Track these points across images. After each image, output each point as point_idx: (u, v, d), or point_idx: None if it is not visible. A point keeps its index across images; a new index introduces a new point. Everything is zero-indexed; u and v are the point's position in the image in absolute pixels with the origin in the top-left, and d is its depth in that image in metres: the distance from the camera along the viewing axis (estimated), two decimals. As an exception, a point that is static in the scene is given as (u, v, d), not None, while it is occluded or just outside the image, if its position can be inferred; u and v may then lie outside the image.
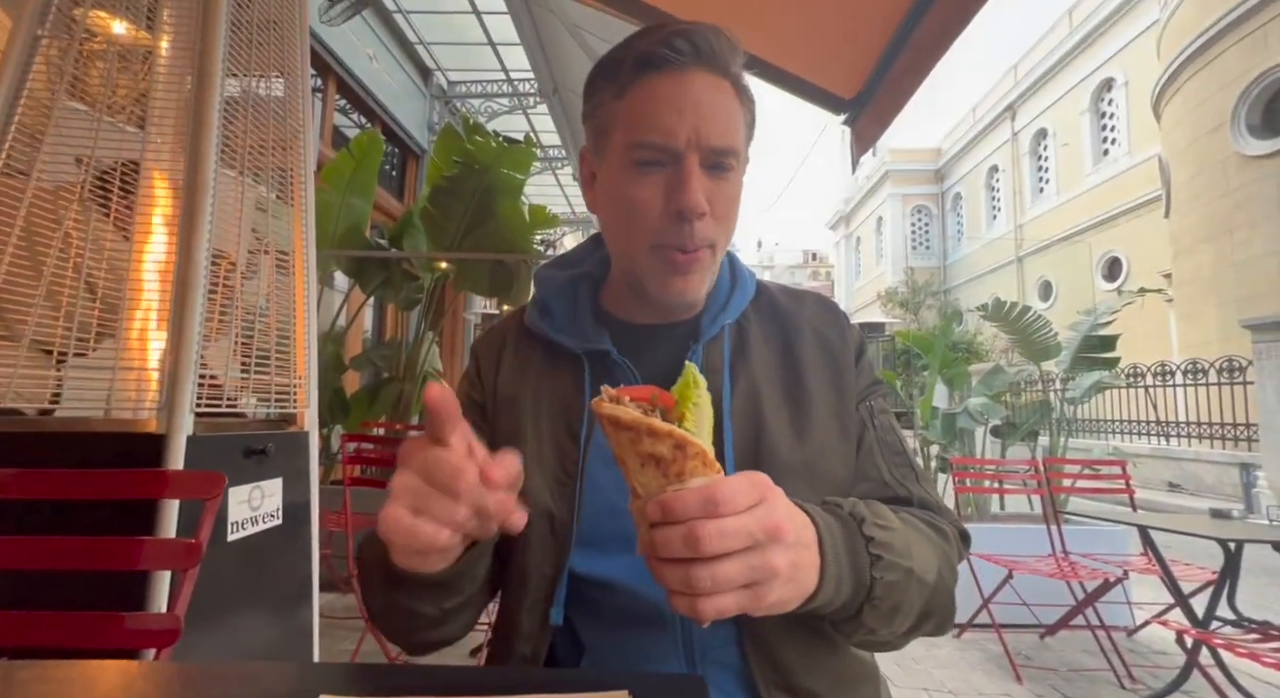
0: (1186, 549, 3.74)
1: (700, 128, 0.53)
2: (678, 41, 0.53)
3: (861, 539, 0.46)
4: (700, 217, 0.54)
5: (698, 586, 0.34)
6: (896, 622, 0.48)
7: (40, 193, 1.02)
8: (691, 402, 0.38)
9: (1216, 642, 1.66)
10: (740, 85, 0.58)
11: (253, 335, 1.19)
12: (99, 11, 1.14)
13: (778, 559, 0.37)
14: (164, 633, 0.63)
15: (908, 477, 0.61)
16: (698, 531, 0.34)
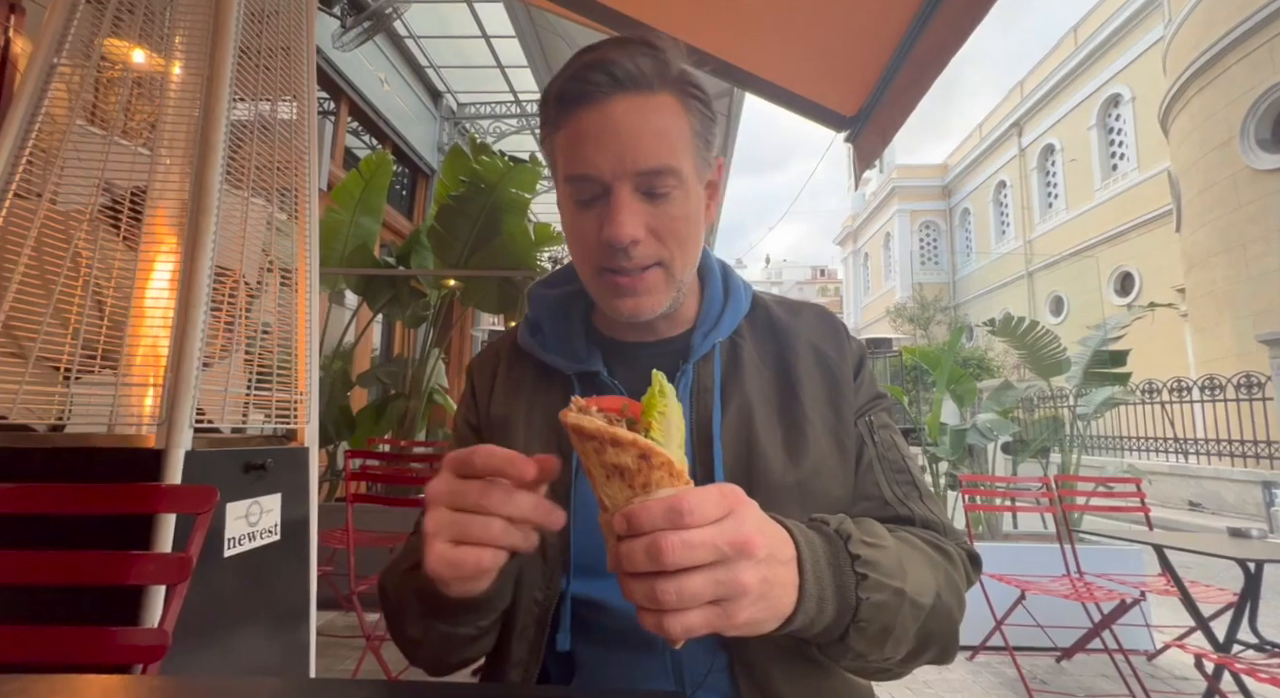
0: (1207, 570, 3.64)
1: (623, 156, 0.51)
2: (592, 74, 0.51)
3: (847, 557, 0.44)
4: (633, 244, 0.52)
5: (663, 600, 0.33)
6: (889, 647, 0.45)
7: (52, 213, 1.05)
8: (658, 411, 0.37)
9: (1238, 667, 1.61)
10: (681, 90, 0.54)
11: (254, 352, 1.21)
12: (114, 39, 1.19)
13: (747, 575, 0.35)
14: (151, 649, 0.63)
15: (910, 495, 0.58)
16: (660, 542, 0.33)
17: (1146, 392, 8.56)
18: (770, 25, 2.09)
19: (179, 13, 1.19)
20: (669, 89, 0.53)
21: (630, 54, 0.52)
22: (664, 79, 0.53)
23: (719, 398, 0.58)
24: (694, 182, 0.55)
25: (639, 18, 2.23)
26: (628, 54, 0.52)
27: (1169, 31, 10.99)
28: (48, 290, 1.05)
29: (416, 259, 4.24)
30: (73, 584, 0.66)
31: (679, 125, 0.53)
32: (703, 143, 0.56)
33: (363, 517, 2.36)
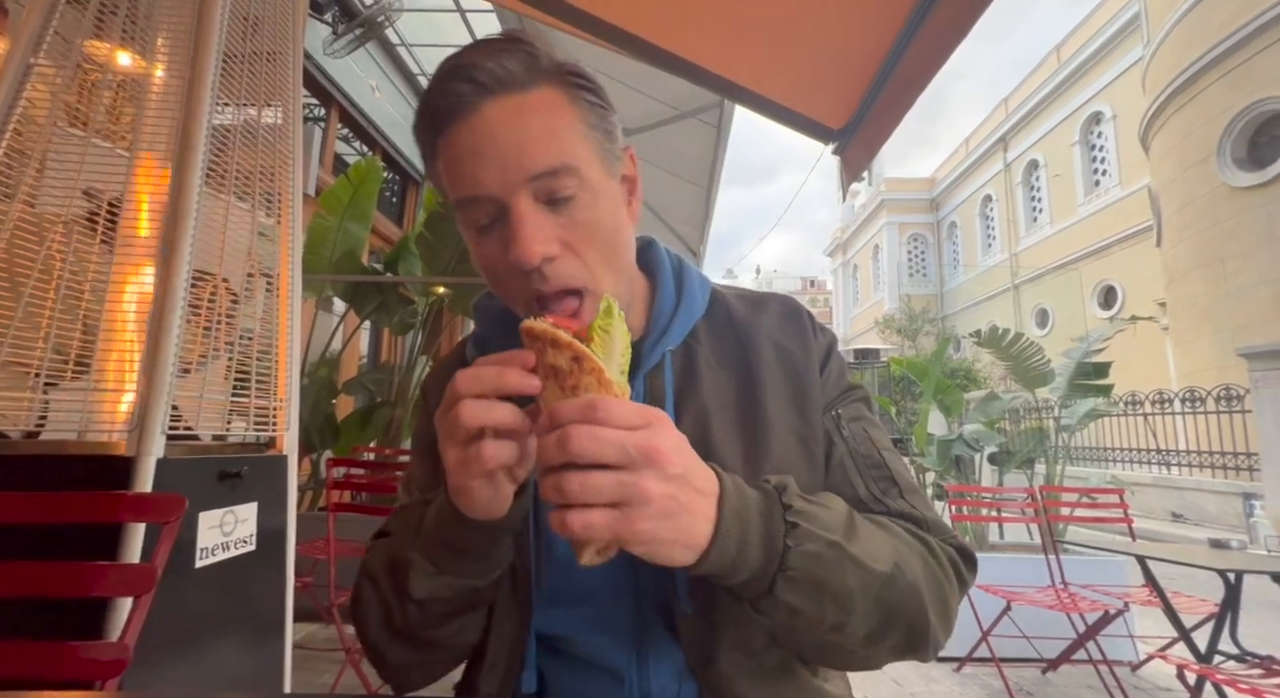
0: (1190, 581, 3.67)
1: (508, 164, 0.45)
2: (453, 84, 0.46)
3: (780, 507, 0.42)
4: (547, 262, 0.46)
5: (566, 489, 0.34)
6: (827, 605, 0.42)
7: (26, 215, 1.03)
8: (598, 327, 0.39)
9: (1219, 678, 1.62)
10: (561, 81, 0.49)
11: (233, 358, 1.19)
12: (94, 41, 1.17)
13: (651, 484, 0.35)
14: (111, 663, 0.60)
15: (889, 492, 0.54)
16: (569, 431, 0.34)
17: (1129, 403, 8.68)
18: (760, 39, 2.12)
19: (162, 15, 1.18)
20: (547, 83, 0.48)
21: (491, 54, 0.47)
22: (538, 73, 0.48)
23: (672, 411, 0.54)
24: (602, 178, 0.49)
25: (632, 30, 2.25)
26: (488, 54, 0.47)
27: (1148, 52, 11.28)
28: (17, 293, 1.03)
29: (405, 266, 4.22)
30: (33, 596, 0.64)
31: (566, 119, 0.48)
32: (601, 135, 0.50)
33: (345, 527, 2.31)
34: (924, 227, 25.57)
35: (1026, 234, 18.86)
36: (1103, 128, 15.81)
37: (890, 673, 2.74)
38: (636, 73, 3.72)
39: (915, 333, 20.26)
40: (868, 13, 1.73)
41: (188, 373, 1.14)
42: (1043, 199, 18.24)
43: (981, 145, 21.27)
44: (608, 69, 4.00)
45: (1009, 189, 19.74)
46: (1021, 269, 18.66)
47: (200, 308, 1.12)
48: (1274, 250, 8.54)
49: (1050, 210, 17.76)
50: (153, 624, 0.75)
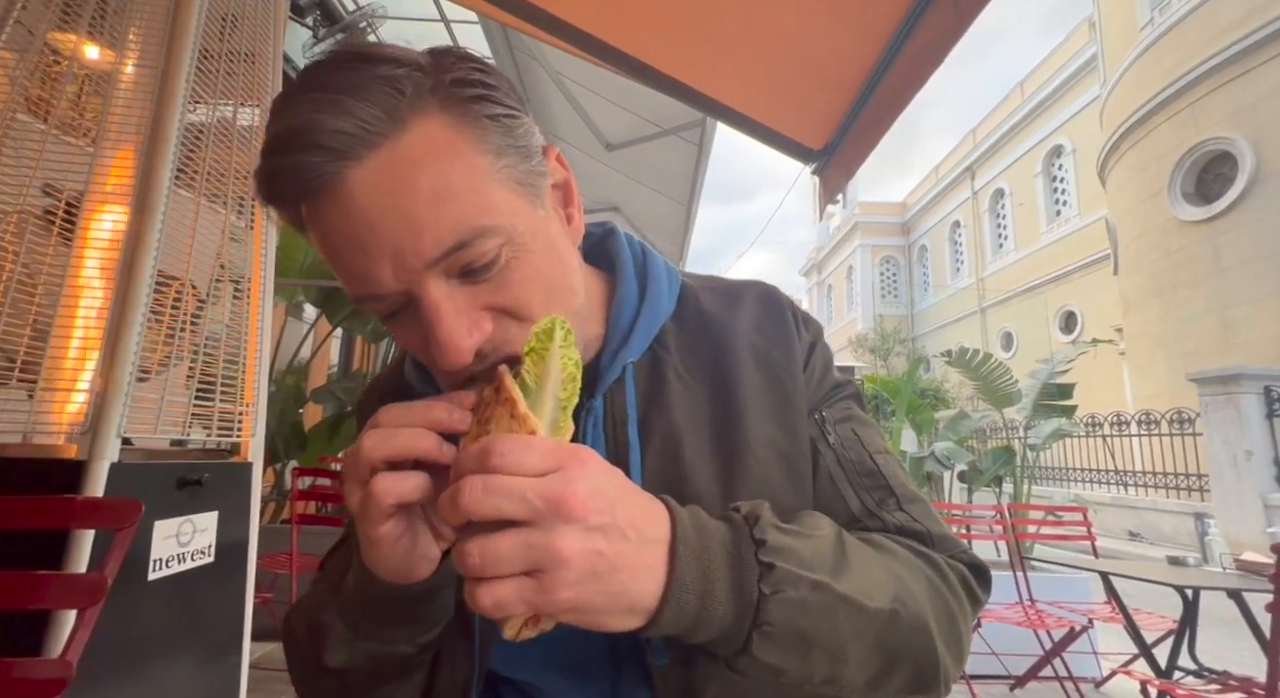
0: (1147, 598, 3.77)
1: (402, 250, 0.35)
2: (295, 159, 0.33)
3: (750, 544, 0.35)
4: (480, 357, 0.38)
5: (466, 562, 0.28)
6: (817, 661, 0.36)
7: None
8: (533, 350, 0.33)
9: (1179, 693, 1.66)
10: (446, 104, 0.36)
11: (198, 361, 1.14)
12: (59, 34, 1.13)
13: (565, 542, 0.29)
14: (50, 682, 0.56)
15: (885, 503, 0.46)
16: (462, 484, 0.28)
17: (1089, 425, 8.99)
18: (744, 59, 2.17)
19: (135, 8, 1.15)
20: (422, 112, 0.35)
21: (336, 105, 0.33)
22: (406, 103, 0.35)
23: (635, 434, 0.46)
24: (528, 219, 0.39)
25: (617, 44, 2.28)
26: (332, 106, 0.33)
27: (1105, 90, 11.91)
28: (-32, 287, 0.97)
29: (380, 273, 4.15)
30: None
31: (462, 161, 0.36)
32: (514, 156, 0.39)
33: (309, 540, 2.22)
34: (896, 249, 26.30)
35: (993, 259, 19.56)
36: (1064, 160, 16.59)
37: (862, 691, 2.73)
38: (619, 88, 3.77)
39: (887, 353, 20.71)
40: (849, 36, 1.78)
41: (147, 378, 1.09)
42: (1008, 226, 18.97)
43: (951, 173, 22.09)
44: (590, 83, 4.05)
45: (976, 216, 20.48)
46: (988, 293, 19.30)
47: (164, 310, 1.07)
48: (1221, 281, 9.02)
49: (1015, 237, 18.47)
50: (99, 640, 0.70)
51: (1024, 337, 17.46)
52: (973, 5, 1.44)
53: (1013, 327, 18.07)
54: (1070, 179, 16.23)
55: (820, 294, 33.09)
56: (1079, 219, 15.71)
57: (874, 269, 26.22)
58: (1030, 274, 17.26)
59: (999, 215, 19.68)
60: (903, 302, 25.68)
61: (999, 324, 18.77)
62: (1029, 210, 17.76)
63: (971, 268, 20.61)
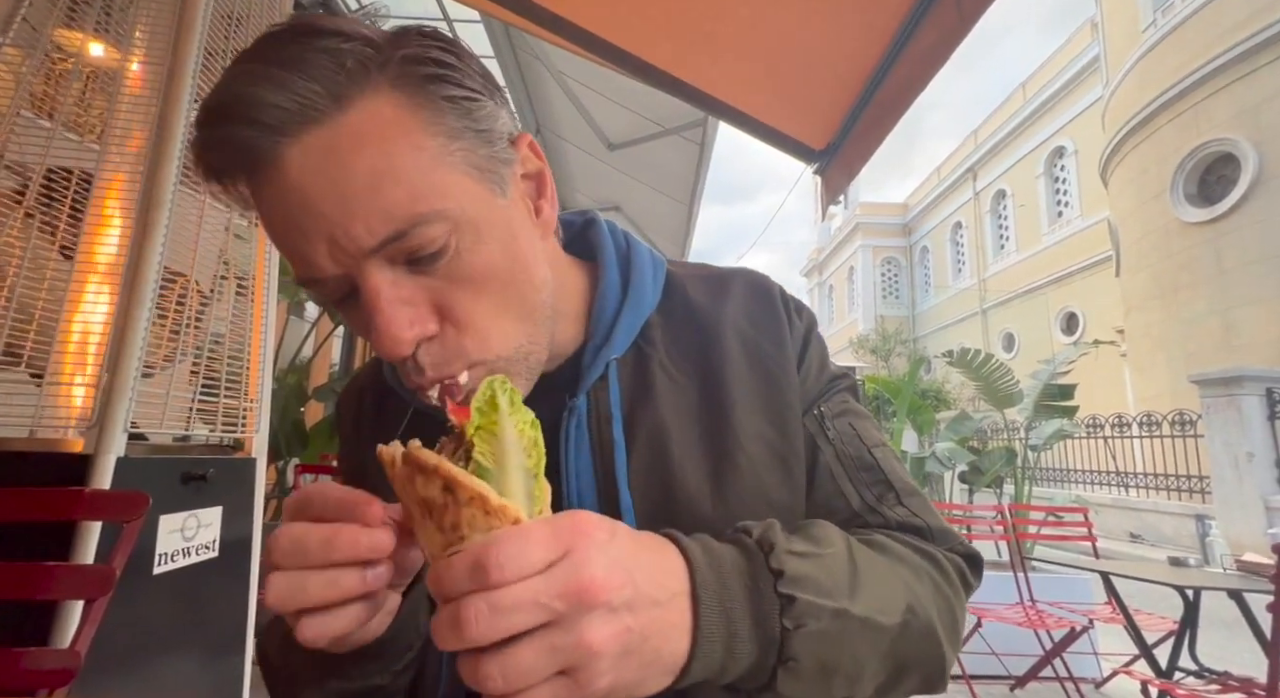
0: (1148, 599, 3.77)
1: (336, 235, 0.33)
2: (228, 130, 0.32)
3: (769, 575, 0.33)
4: (424, 345, 0.36)
5: (487, 685, 0.25)
6: (838, 686, 0.35)
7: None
8: (479, 426, 0.29)
9: (1179, 693, 1.66)
10: (399, 80, 0.34)
11: (203, 356, 1.15)
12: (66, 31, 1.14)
13: (594, 632, 0.26)
14: (58, 673, 0.56)
15: (884, 498, 0.46)
16: (461, 612, 0.25)
17: (1091, 426, 8.98)
18: (746, 59, 2.17)
19: (141, 7, 1.15)
20: (371, 89, 0.33)
21: (273, 78, 0.32)
22: (353, 79, 0.33)
23: (620, 432, 0.44)
24: (482, 205, 0.37)
25: (621, 44, 2.28)
26: (269, 79, 0.32)
27: (1107, 92, 11.90)
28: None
29: (382, 272, 4.16)
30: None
31: (409, 141, 0.34)
32: (472, 139, 0.36)
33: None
34: (897, 250, 26.28)
35: (994, 260, 19.54)
36: (1065, 161, 16.57)
37: (863, 691, 2.74)
38: (621, 88, 3.77)
39: (888, 353, 20.70)
40: (852, 36, 1.78)
41: (152, 374, 1.09)
42: (1009, 227, 18.95)
43: (952, 174, 22.07)
44: (593, 83, 4.05)
45: (978, 217, 20.47)
46: (989, 294, 19.29)
47: (168, 307, 1.08)
48: (1223, 283, 9.00)
49: (1016, 238, 18.46)
50: (105, 633, 0.70)
51: (1025, 338, 17.44)
52: (975, 6, 1.44)
53: (1014, 328, 18.06)
54: (1072, 180, 16.22)
55: (821, 295, 33.07)
56: (1081, 220, 15.69)
57: (875, 270, 26.20)
58: (1032, 275, 17.24)
59: (1000, 216, 19.67)
60: (904, 302, 25.66)
61: (1000, 325, 18.76)
62: (1031, 211, 17.75)
63: (973, 269, 20.60)
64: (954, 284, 21.98)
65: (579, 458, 0.44)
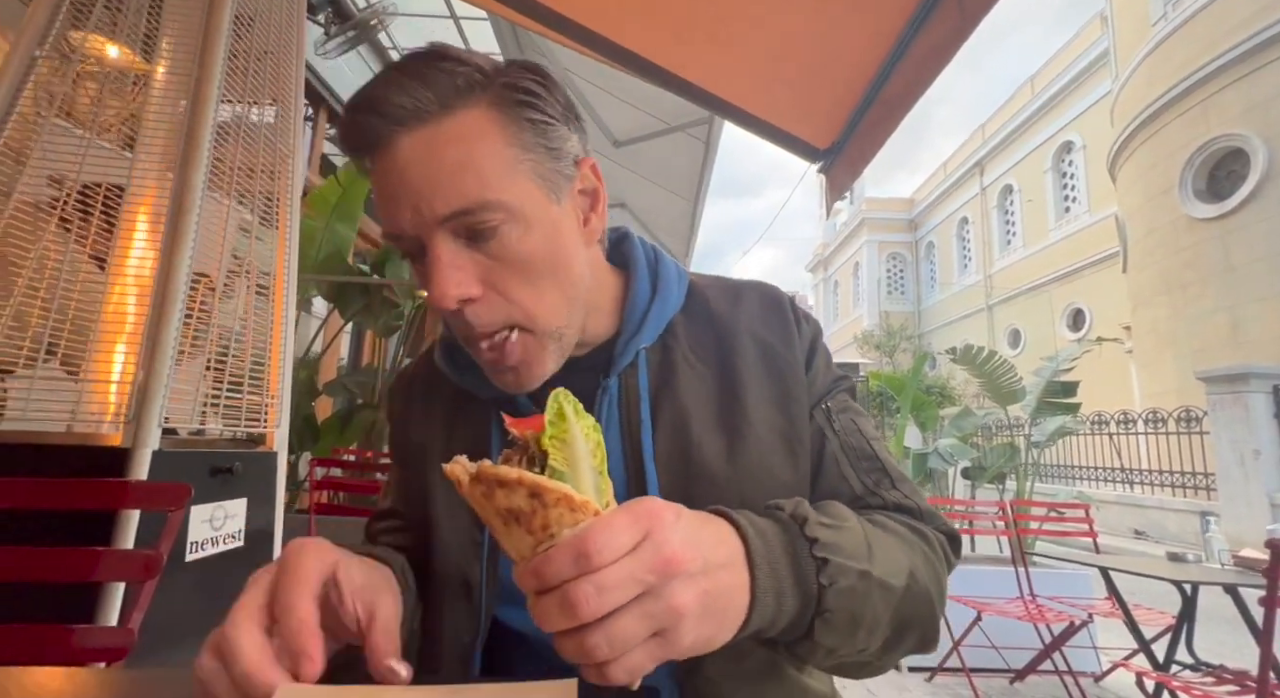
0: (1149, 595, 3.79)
1: (420, 204, 0.43)
2: (364, 118, 0.43)
3: (804, 542, 0.39)
4: (467, 304, 0.45)
5: (594, 654, 0.29)
6: (861, 636, 0.41)
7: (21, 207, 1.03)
8: (550, 436, 0.32)
9: (1174, 685, 1.69)
10: (496, 104, 0.45)
11: (228, 354, 1.19)
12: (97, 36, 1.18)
13: (680, 596, 0.31)
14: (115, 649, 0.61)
15: (881, 483, 0.53)
16: (571, 595, 0.29)
17: (1096, 423, 8.97)
18: (751, 59, 2.19)
19: (168, 15, 1.19)
20: (471, 105, 0.44)
21: (401, 84, 0.43)
22: (459, 95, 0.44)
23: (648, 412, 0.51)
24: (537, 205, 0.46)
25: (625, 44, 2.31)
26: (398, 85, 0.43)
27: (1115, 87, 11.80)
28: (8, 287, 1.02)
29: (391, 268, 4.21)
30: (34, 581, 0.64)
31: (490, 147, 0.44)
32: (542, 155, 0.46)
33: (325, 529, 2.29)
34: (903, 246, 26.15)
35: (1000, 256, 19.43)
36: (1073, 156, 16.44)
37: (864, 683, 2.78)
38: (627, 85, 3.79)
39: (893, 349, 20.65)
40: (856, 37, 1.80)
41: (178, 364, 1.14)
42: (1016, 223, 18.83)
43: (959, 169, 21.91)
44: (598, 80, 4.07)
45: (985, 212, 20.34)
46: (995, 290, 19.19)
47: (194, 306, 1.12)
48: (1230, 279, 8.94)
49: (1023, 234, 18.34)
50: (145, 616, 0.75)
51: (1031, 334, 17.36)
52: (978, 7, 1.46)
53: (1020, 324, 17.97)
54: (1080, 175, 16.09)
55: (826, 290, 32.98)
56: (1088, 216, 15.57)
57: (881, 265, 26.09)
58: (1038, 271, 17.14)
59: (1007, 212, 19.54)
60: (909, 298, 25.55)
61: (1006, 321, 18.67)
62: (1038, 207, 17.62)
63: (979, 264, 20.49)
64: (960, 280, 21.87)
65: (609, 431, 0.51)
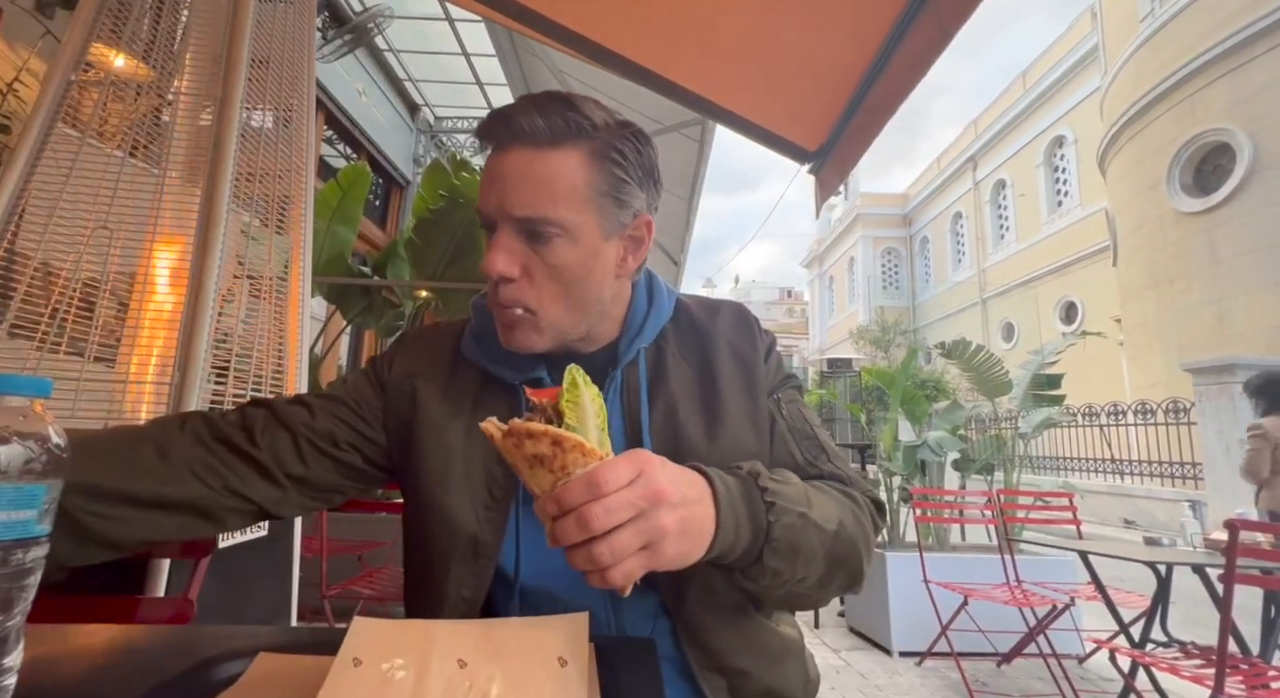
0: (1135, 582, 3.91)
1: (503, 201, 0.56)
2: (494, 126, 0.57)
3: (757, 490, 0.51)
4: (506, 280, 0.57)
5: (600, 561, 0.40)
6: (800, 565, 0.52)
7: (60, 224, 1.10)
8: (567, 400, 0.43)
9: (1146, 660, 1.79)
10: (591, 153, 0.57)
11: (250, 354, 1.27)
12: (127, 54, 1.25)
13: (665, 519, 0.42)
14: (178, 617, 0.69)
15: (819, 457, 0.66)
16: (585, 513, 0.39)
17: (1086, 414, 9.10)
18: (741, 64, 2.26)
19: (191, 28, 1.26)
20: (572, 147, 0.57)
21: (531, 112, 0.56)
22: (568, 136, 0.56)
23: (645, 397, 0.65)
24: (590, 236, 0.58)
25: (616, 49, 2.37)
26: (525, 112, 0.56)
27: (1105, 82, 11.91)
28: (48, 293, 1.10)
29: (393, 270, 4.27)
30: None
31: (571, 183, 0.56)
32: (609, 202, 0.59)
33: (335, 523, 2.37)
34: (897, 241, 26.28)
35: (994, 250, 19.57)
36: (1065, 151, 16.57)
37: (856, 668, 2.88)
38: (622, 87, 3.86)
39: (888, 344, 20.79)
40: (841, 45, 1.88)
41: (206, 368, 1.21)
42: (1009, 217, 18.97)
43: (952, 164, 22.03)
44: (592, 82, 4.14)
45: (978, 207, 20.47)
46: (989, 284, 19.34)
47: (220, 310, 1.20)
48: (1216, 273, 9.08)
49: (1016, 228, 18.48)
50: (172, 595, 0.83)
51: (1025, 328, 17.52)
52: (954, 19, 1.54)
53: (1014, 318, 18.13)
54: (1072, 170, 16.22)
55: (822, 286, 33.08)
56: (1080, 210, 15.71)
57: (875, 261, 26.22)
58: (1032, 265, 17.28)
59: (1000, 206, 19.67)
60: (904, 293, 25.69)
61: (1000, 315, 18.83)
62: (1030, 201, 17.75)
63: (973, 259, 20.63)
64: (954, 275, 22.00)
65: (613, 413, 0.64)
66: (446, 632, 0.42)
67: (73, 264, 1.07)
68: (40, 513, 0.36)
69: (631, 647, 0.50)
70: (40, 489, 0.36)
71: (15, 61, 1.97)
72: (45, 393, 0.37)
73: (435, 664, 0.39)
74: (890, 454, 3.81)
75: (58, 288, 1.08)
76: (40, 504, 0.36)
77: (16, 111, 1.88)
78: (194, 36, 1.24)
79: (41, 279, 1.05)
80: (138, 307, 1.14)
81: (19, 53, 1.95)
